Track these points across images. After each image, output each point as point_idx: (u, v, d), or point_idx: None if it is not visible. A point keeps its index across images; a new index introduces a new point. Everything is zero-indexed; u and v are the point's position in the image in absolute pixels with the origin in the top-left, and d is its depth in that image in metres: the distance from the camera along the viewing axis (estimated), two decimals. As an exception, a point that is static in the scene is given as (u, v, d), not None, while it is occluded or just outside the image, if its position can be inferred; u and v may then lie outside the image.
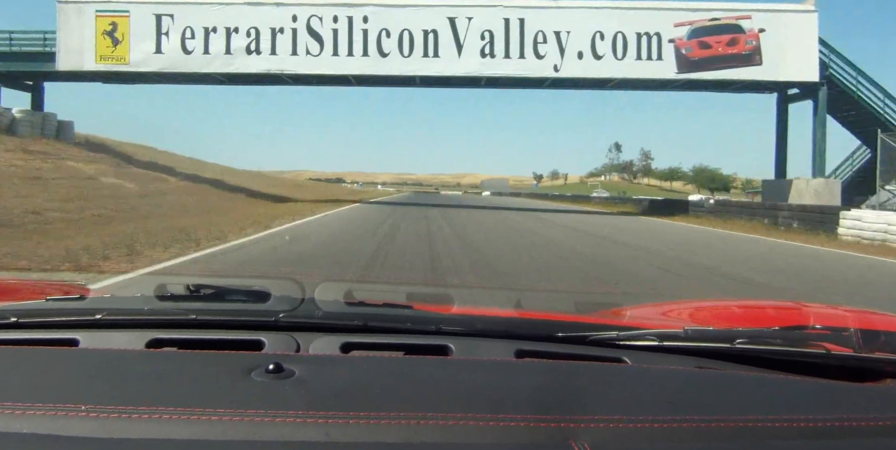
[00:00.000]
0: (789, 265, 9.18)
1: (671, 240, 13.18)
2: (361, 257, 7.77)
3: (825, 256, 10.59)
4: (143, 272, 5.92)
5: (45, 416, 0.68)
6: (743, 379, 0.98)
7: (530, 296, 3.73)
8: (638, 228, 16.85)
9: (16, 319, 1.08)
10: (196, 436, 0.66)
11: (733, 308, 1.82)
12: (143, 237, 8.49)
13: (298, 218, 14.64)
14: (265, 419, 0.69)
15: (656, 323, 1.34)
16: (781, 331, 1.10)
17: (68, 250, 6.89)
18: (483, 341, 1.10)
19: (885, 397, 0.96)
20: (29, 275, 5.46)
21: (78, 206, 13.15)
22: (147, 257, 6.94)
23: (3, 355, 0.94)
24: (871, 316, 1.52)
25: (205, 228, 10.40)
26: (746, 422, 0.75)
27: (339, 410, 0.72)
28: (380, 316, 1.15)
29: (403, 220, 15.66)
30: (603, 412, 0.75)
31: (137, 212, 14.34)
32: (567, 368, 1.00)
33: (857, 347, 1.03)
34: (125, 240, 8.06)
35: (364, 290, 1.59)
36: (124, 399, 0.73)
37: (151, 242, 8.17)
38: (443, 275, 6.56)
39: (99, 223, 11.35)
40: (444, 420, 0.70)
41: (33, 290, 1.59)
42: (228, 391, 0.78)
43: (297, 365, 0.85)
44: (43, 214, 11.35)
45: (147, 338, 1.05)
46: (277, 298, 1.15)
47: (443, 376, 0.91)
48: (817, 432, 0.74)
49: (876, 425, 0.78)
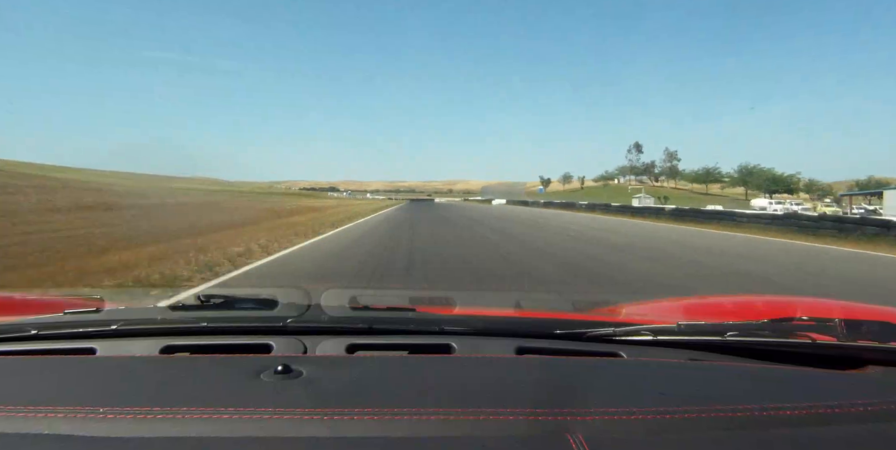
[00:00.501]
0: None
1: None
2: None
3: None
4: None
5: (65, 418, 0.72)
6: (733, 370, 1.02)
7: (529, 296, 3.52)
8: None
9: (36, 331, 1.14)
10: (209, 434, 0.69)
11: (725, 303, 1.87)
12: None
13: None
14: (274, 417, 0.72)
15: (651, 318, 1.36)
16: (769, 323, 1.13)
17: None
18: (484, 339, 1.14)
19: (864, 383, 0.99)
20: (46, 291, 5.19)
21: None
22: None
23: (25, 364, 0.99)
24: (855, 307, 1.58)
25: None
26: (736, 412, 0.78)
27: (345, 407, 0.75)
28: (384, 319, 1.19)
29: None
30: (599, 405, 0.78)
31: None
32: (565, 363, 1.02)
33: (840, 336, 1.05)
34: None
35: (368, 296, 1.79)
36: (140, 401, 0.77)
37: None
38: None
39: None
40: (447, 415, 0.73)
41: (51, 304, 1.62)
42: (239, 392, 0.81)
43: (305, 366, 0.89)
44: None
45: (161, 345, 1.09)
46: (285, 304, 1.19)
47: (445, 372, 0.94)
48: (802, 420, 0.77)
49: (856, 410, 0.80)
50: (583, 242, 12.46)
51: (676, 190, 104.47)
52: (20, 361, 1.01)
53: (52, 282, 6.29)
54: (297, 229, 14.81)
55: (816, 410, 0.80)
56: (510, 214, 30.10)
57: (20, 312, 1.35)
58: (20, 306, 1.62)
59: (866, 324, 1.10)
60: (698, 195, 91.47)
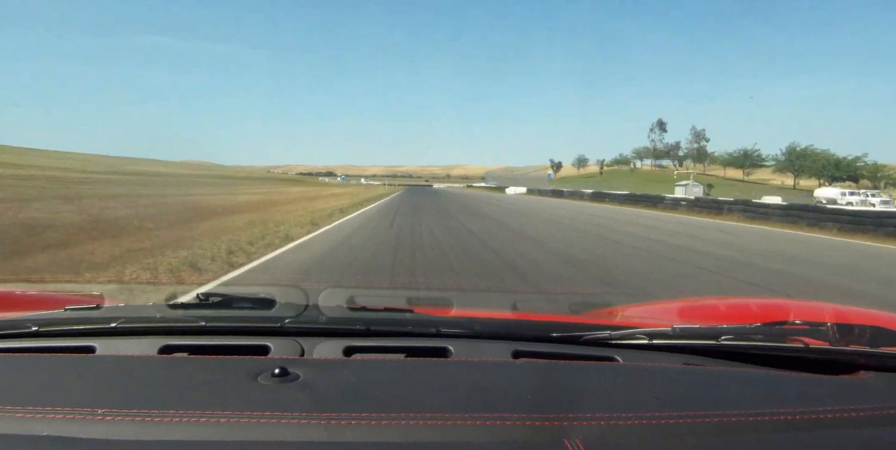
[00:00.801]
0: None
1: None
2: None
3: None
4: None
5: (63, 419, 0.72)
6: (727, 375, 1.03)
7: (526, 298, 3.71)
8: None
9: (36, 328, 1.14)
10: (206, 438, 0.69)
11: (719, 306, 1.88)
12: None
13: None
14: (271, 421, 0.73)
15: (646, 321, 1.38)
16: (763, 327, 1.13)
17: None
18: (481, 342, 1.14)
19: (857, 388, 0.99)
20: (47, 286, 5.14)
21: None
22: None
23: (24, 362, 0.99)
24: (846, 310, 1.59)
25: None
26: (730, 417, 0.79)
27: (342, 411, 0.75)
28: (381, 320, 1.19)
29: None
30: (595, 410, 0.79)
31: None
32: (562, 367, 1.03)
33: (832, 340, 1.06)
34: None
35: (366, 295, 1.82)
36: (138, 403, 0.77)
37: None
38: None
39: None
40: (443, 421, 0.74)
41: (51, 300, 1.62)
42: (236, 395, 0.81)
43: (302, 369, 0.89)
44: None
45: (159, 344, 1.10)
46: (283, 304, 1.19)
47: (442, 377, 0.94)
48: (796, 425, 0.78)
49: (849, 416, 0.81)
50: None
51: (707, 176, 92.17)
52: (21, 359, 1.02)
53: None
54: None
55: (810, 415, 0.81)
56: (562, 216, 19.41)
57: (21, 308, 1.37)
58: (21, 302, 1.63)
59: (858, 328, 1.12)
60: (737, 182, 79.46)
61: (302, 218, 15.27)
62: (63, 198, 19.78)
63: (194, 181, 50.32)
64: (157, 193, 29.22)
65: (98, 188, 29.19)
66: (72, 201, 19.01)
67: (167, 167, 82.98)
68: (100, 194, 23.98)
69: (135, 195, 25.49)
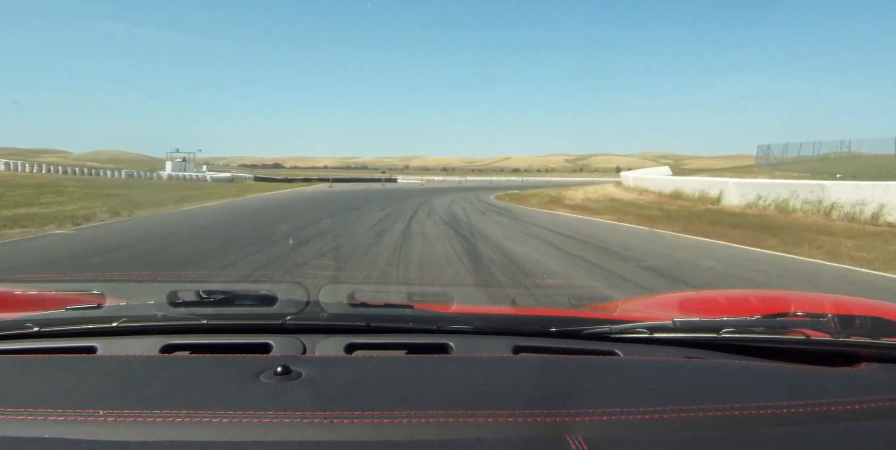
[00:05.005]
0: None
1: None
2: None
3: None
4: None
5: (64, 421, 0.72)
6: (728, 368, 1.02)
7: (526, 293, 3.40)
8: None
9: (38, 328, 1.14)
10: (209, 438, 0.69)
11: (718, 298, 1.86)
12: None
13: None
14: (274, 420, 0.73)
15: (646, 315, 1.36)
16: (764, 319, 1.13)
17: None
18: (482, 338, 1.14)
19: (858, 380, 0.99)
20: (48, 285, 4.14)
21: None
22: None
23: (27, 364, 0.99)
24: (847, 301, 1.61)
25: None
26: (732, 410, 0.79)
27: (344, 409, 0.75)
28: (382, 316, 1.19)
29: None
30: (596, 405, 0.79)
31: None
32: (562, 362, 1.02)
33: (834, 331, 1.06)
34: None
35: (367, 291, 1.80)
36: (140, 404, 0.77)
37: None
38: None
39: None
40: (445, 418, 0.74)
41: (52, 300, 1.61)
42: (239, 394, 0.81)
43: (304, 367, 0.89)
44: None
45: (161, 344, 1.09)
46: (284, 301, 1.19)
47: (443, 374, 0.94)
48: (797, 418, 0.78)
49: (851, 408, 0.81)
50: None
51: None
52: (22, 360, 1.01)
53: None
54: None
55: (812, 407, 0.81)
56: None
57: (22, 308, 1.36)
58: (22, 302, 1.61)
59: (859, 319, 1.11)
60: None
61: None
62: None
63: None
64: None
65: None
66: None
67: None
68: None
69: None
